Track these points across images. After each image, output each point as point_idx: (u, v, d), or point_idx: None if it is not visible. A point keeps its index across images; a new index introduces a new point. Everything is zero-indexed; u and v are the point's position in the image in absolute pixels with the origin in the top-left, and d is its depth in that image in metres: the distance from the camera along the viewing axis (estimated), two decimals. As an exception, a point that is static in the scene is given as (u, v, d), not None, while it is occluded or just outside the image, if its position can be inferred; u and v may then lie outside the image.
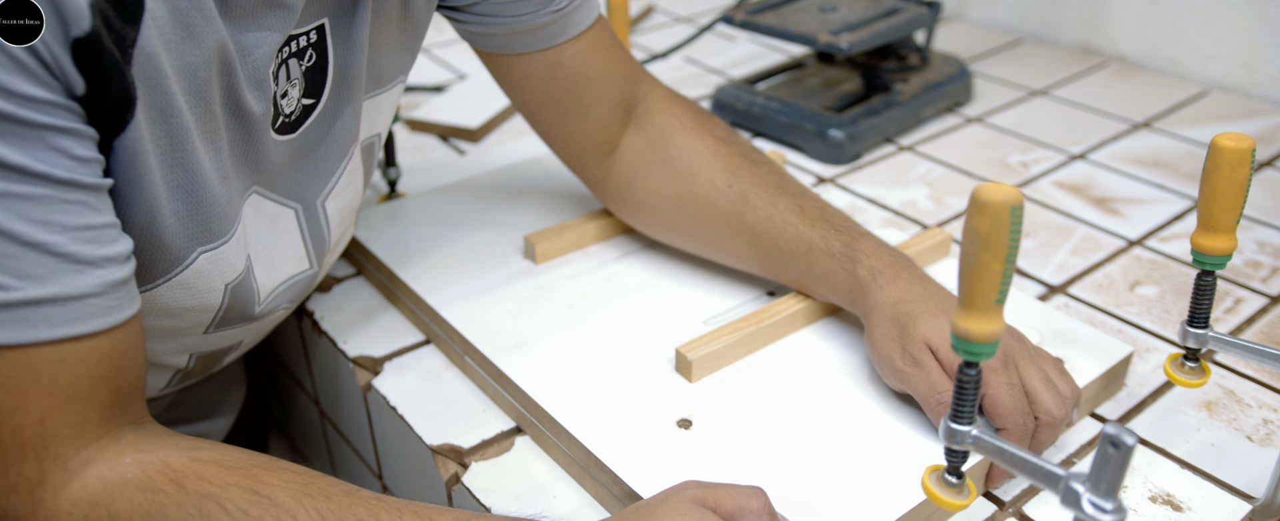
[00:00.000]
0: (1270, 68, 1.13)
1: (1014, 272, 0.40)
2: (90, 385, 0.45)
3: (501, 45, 0.68)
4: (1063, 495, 0.41)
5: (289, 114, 0.59)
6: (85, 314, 0.44)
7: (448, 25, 1.37)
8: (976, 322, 0.41)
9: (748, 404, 0.62)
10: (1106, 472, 0.39)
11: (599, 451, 0.58)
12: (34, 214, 0.42)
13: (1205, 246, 0.54)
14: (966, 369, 0.44)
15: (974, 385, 0.44)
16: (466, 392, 0.68)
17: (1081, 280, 0.81)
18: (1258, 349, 0.55)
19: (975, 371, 0.43)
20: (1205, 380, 0.58)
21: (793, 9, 1.07)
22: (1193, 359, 0.58)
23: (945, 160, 1.01)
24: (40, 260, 0.42)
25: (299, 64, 0.58)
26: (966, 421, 0.45)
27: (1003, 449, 0.45)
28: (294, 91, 0.58)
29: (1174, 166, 0.99)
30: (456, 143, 1.05)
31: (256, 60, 0.53)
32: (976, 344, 0.41)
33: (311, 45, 0.58)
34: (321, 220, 0.64)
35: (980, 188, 0.39)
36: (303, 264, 0.65)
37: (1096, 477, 0.40)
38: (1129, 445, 0.38)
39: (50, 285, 0.43)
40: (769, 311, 0.67)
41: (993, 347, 0.42)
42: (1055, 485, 0.42)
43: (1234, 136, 0.51)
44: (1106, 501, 0.40)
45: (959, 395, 0.45)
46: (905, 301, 0.61)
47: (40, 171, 0.42)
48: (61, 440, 0.45)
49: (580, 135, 0.72)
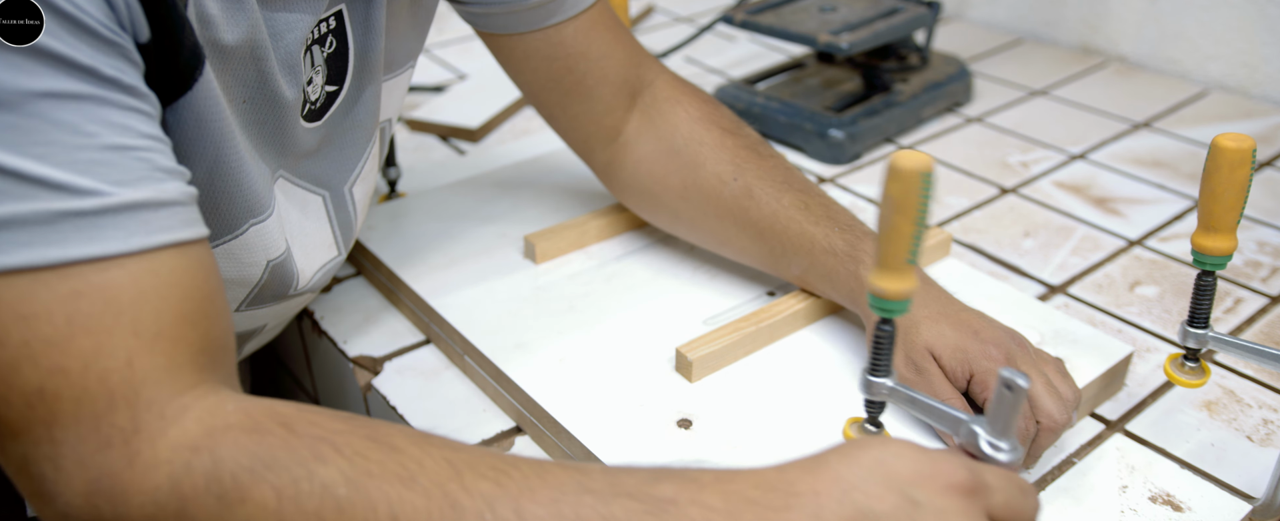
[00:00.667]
0: (1270, 68, 1.13)
1: (924, 234, 0.43)
2: (176, 325, 0.40)
3: (503, 25, 0.68)
4: (963, 437, 0.45)
5: (315, 101, 0.59)
6: (177, 221, 0.41)
7: (448, 25, 1.37)
8: (890, 281, 0.44)
9: (748, 404, 0.62)
10: (1001, 413, 0.42)
11: (599, 451, 0.58)
12: (111, 117, 0.39)
13: (1205, 246, 0.54)
14: (883, 325, 0.47)
15: (889, 340, 0.47)
16: (466, 392, 0.68)
17: (1081, 280, 0.81)
18: (1258, 349, 0.55)
19: (890, 327, 0.47)
20: (1205, 380, 0.58)
21: (793, 9, 1.07)
22: (1193, 359, 0.58)
23: (945, 160, 1.01)
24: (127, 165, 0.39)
25: (321, 50, 0.58)
26: (883, 374, 0.48)
27: (914, 397, 0.48)
28: (318, 79, 0.59)
29: (1174, 166, 0.99)
30: (456, 143, 1.05)
31: (288, 44, 0.53)
32: (891, 301, 0.44)
33: (331, 31, 0.58)
34: (349, 206, 0.65)
35: (895, 155, 0.41)
36: (332, 250, 0.65)
37: (993, 419, 0.43)
38: (1022, 387, 0.40)
39: (142, 189, 0.39)
40: (769, 311, 0.67)
41: (906, 305, 0.45)
42: (957, 429, 0.45)
43: (1234, 136, 0.51)
44: (1002, 441, 0.43)
45: (876, 349, 0.48)
46: (906, 303, 0.61)
47: (110, 75, 0.39)
48: (154, 383, 0.39)
49: (585, 118, 0.72)
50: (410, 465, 0.39)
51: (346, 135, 0.63)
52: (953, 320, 0.60)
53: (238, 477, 0.38)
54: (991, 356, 0.58)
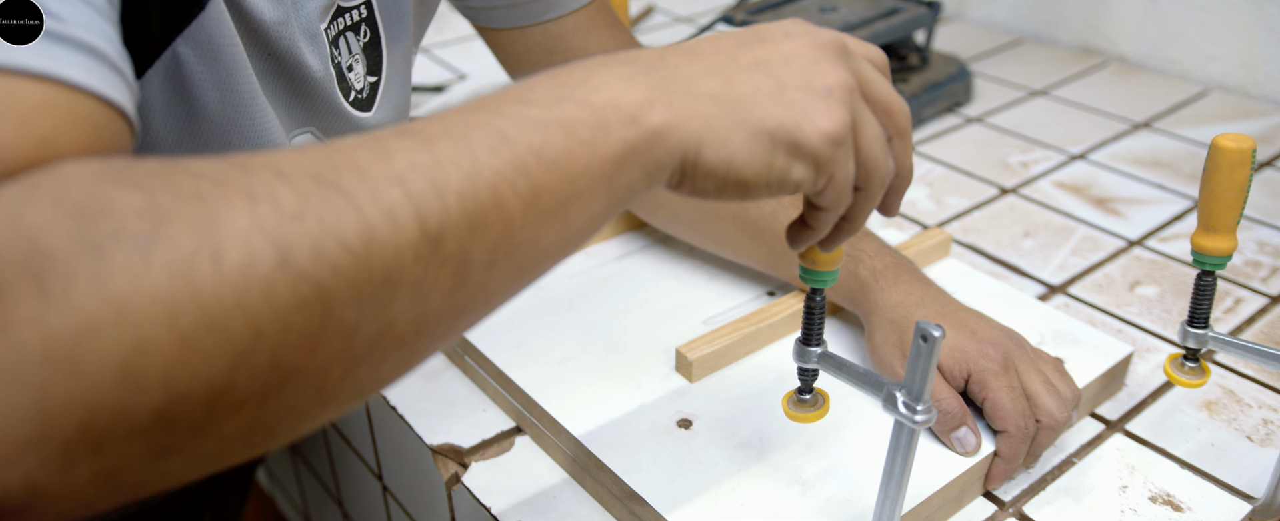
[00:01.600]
0: (1270, 68, 1.13)
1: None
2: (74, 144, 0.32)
3: (502, 19, 0.68)
4: (884, 399, 0.47)
5: (360, 90, 0.59)
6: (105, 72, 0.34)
7: (448, 25, 1.37)
8: (819, 256, 0.47)
9: (748, 404, 0.62)
10: (919, 365, 0.44)
11: (599, 451, 0.58)
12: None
13: (1205, 247, 0.54)
14: (814, 295, 0.49)
15: (820, 310, 0.50)
16: (466, 392, 0.68)
17: (1081, 280, 0.81)
18: (1258, 349, 0.55)
19: (821, 298, 0.49)
20: (1205, 380, 0.58)
21: (792, 9, 1.07)
22: (1193, 359, 0.58)
23: (945, 160, 1.01)
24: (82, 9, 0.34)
25: (356, 39, 0.58)
26: (815, 344, 0.51)
27: (842, 364, 0.51)
28: (359, 68, 0.59)
29: (1174, 166, 0.99)
30: (456, 143, 1.05)
31: (308, 12, 0.53)
32: (819, 272, 0.47)
33: (364, 20, 0.59)
34: None
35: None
36: None
37: (910, 370, 0.44)
38: (936, 337, 0.41)
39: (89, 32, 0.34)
40: (769, 311, 0.67)
41: (834, 276, 0.47)
42: (879, 391, 0.48)
43: (1234, 137, 0.51)
44: (918, 404, 0.45)
45: (806, 320, 0.50)
46: (905, 305, 0.61)
47: None
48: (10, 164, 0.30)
49: None
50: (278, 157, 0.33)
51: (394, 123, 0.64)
52: (951, 320, 0.60)
53: (95, 190, 0.28)
54: (989, 356, 0.58)
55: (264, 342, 0.28)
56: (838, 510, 0.55)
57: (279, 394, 0.29)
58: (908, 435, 0.47)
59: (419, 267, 0.31)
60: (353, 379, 0.31)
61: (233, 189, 0.29)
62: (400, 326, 0.31)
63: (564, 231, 0.35)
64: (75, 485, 0.27)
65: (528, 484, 0.60)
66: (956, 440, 0.57)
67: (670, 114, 0.36)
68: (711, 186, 0.38)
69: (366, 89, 0.61)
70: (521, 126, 0.33)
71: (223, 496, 0.85)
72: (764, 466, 0.57)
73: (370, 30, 0.60)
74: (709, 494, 0.55)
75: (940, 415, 0.57)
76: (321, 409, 0.31)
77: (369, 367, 0.31)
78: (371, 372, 0.32)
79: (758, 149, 0.37)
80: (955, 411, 0.57)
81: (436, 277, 0.31)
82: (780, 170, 0.37)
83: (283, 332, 0.28)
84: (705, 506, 0.54)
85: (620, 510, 0.57)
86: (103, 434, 0.26)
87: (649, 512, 0.54)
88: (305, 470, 0.98)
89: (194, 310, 0.27)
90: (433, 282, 0.31)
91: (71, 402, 0.26)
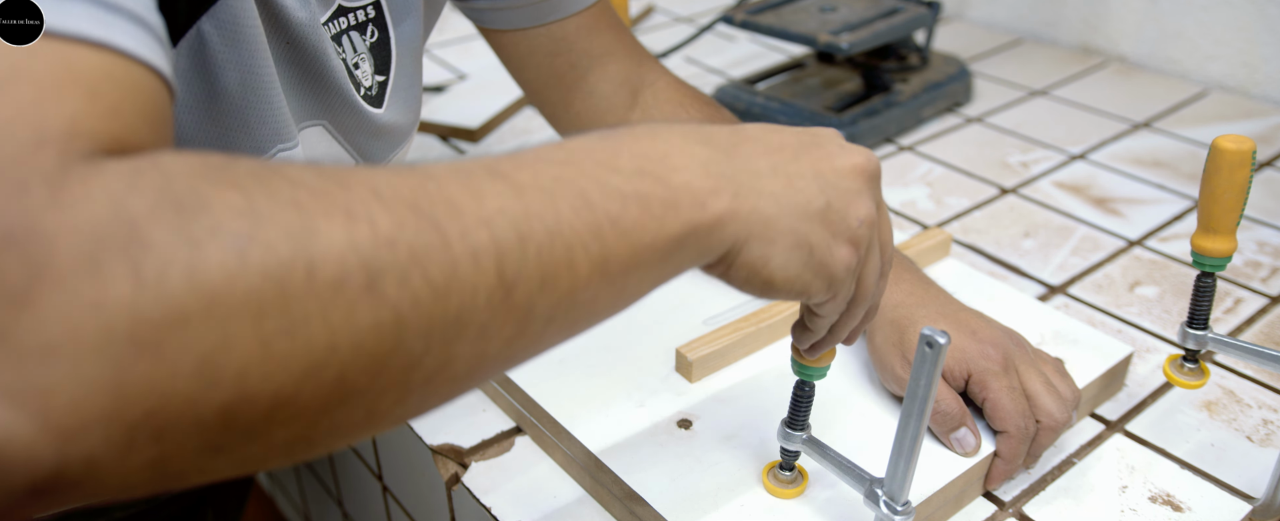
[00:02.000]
0: (1270, 68, 1.13)
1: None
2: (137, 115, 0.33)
3: (505, 21, 0.68)
4: (865, 494, 0.50)
5: (369, 88, 0.60)
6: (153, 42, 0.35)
7: (448, 25, 1.37)
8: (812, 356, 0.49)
9: (748, 404, 0.62)
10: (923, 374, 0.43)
11: (599, 451, 0.58)
12: None
13: (1205, 248, 0.54)
14: (802, 386, 0.51)
15: (807, 399, 0.52)
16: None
17: (1081, 280, 0.81)
18: (1257, 350, 0.55)
19: (810, 388, 0.52)
20: (1204, 381, 0.58)
21: (793, 9, 1.07)
22: (1192, 360, 0.58)
23: (945, 160, 1.01)
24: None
25: (362, 39, 0.58)
26: (799, 429, 0.53)
27: (825, 452, 0.53)
28: (366, 65, 0.59)
29: (1174, 166, 0.99)
30: (456, 143, 1.05)
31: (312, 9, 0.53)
32: (812, 369, 0.50)
33: (371, 20, 0.59)
34: None
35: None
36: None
37: (913, 386, 0.44)
38: (942, 344, 0.42)
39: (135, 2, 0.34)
40: (769, 311, 0.67)
41: (824, 371, 0.50)
42: (861, 483, 0.51)
43: (1234, 138, 0.51)
44: (898, 502, 0.48)
45: (794, 407, 0.52)
46: (906, 305, 0.61)
47: None
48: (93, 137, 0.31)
49: (586, 116, 0.72)
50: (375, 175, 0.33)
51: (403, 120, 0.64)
52: (951, 320, 0.60)
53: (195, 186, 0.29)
54: (990, 356, 0.58)
55: (335, 358, 0.28)
56: (837, 510, 0.55)
57: (335, 411, 0.30)
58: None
59: (488, 312, 0.31)
60: (402, 407, 0.32)
61: (332, 203, 0.29)
62: (457, 365, 0.32)
63: (618, 298, 0.36)
64: (129, 468, 0.27)
65: (528, 484, 0.60)
66: (956, 440, 0.57)
67: (733, 205, 0.38)
68: (742, 278, 0.40)
69: (376, 87, 0.61)
70: (603, 193, 0.35)
71: (224, 496, 0.85)
72: (764, 466, 0.57)
73: (378, 30, 0.60)
74: (709, 494, 0.55)
75: (939, 415, 0.57)
76: (364, 431, 0.32)
77: (418, 398, 0.32)
78: (418, 403, 0.33)
79: (794, 258, 0.40)
80: (954, 412, 0.57)
81: (501, 324, 0.32)
82: (805, 283, 0.41)
83: (354, 353, 0.29)
84: (705, 506, 0.54)
85: (620, 510, 0.57)
86: (168, 422, 0.27)
87: (649, 512, 0.54)
88: (305, 470, 0.98)
89: (280, 315, 0.27)
90: (496, 329, 0.32)
91: (148, 387, 0.26)
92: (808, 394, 0.52)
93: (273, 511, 1.22)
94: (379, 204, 0.30)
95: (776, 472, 0.56)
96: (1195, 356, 0.58)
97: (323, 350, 0.28)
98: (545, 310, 0.33)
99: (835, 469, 0.52)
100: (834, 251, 0.41)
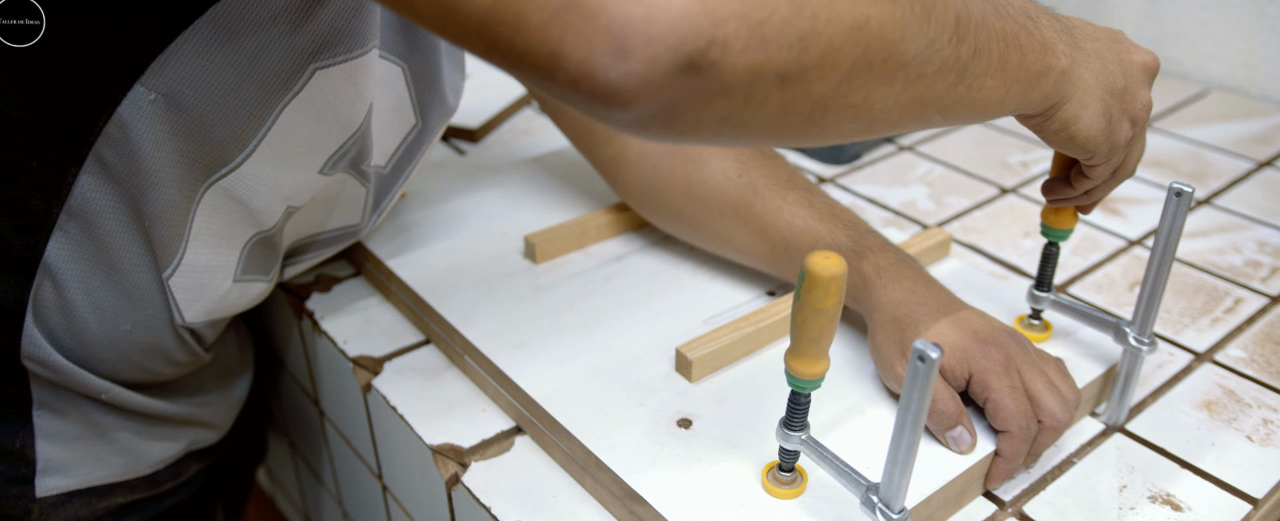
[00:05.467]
0: (1270, 68, 1.13)
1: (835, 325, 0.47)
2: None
3: None
4: (862, 499, 0.50)
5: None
6: None
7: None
8: (804, 364, 0.49)
9: (748, 404, 0.62)
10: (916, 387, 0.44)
11: (599, 451, 0.58)
12: None
13: (1052, 221, 0.64)
14: (798, 395, 0.52)
15: (804, 406, 0.52)
16: (466, 393, 0.68)
17: (1081, 280, 0.81)
18: (1087, 310, 0.65)
19: (806, 397, 0.52)
20: (1048, 336, 0.68)
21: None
22: (1036, 317, 0.69)
23: (945, 160, 1.01)
24: None
25: None
26: (798, 430, 0.53)
27: (823, 454, 0.53)
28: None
29: (1174, 166, 0.99)
30: (456, 143, 1.05)
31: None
32: (803, 380, 0.50)
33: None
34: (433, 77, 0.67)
35: (811, 260, 0.44)
36: (411, 119, 0.67)
37: (905, 398, 0.44)
38: (934, 358, 0.42)
39: None
40: (769, 311, 0.67)
41: (817, 383, 0.50)
42: (857, 488, 0.51)
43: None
44: (893, 510, 0.49)
45: (791, 412, 0.52)
46: (907, 304, 0.61)
47: None
48: None
49: None
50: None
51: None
52: (953, 319, 0.60)
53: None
54: (991, 356, 0.58)
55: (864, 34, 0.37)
56: (837, 511, 0.55)
57: (854, 78, 0.38)
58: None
59: (949, 50, 0.41)
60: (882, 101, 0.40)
61: None
62: (920, 87, 0.41)
63: (992, 94, 0.45)
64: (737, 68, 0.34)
65: (528, 484, 0.60)
66: (952, 439, 0.57)
67: (1070, 68, 0.49)
68: (1053, 129, 0.51)
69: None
70: (1005, 17, 0.46)
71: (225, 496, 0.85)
72: (763, 466, 0.57)
73: None
74: (709, 494, 0.55)
75: (936, 414, 0.57)
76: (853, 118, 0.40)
77: (895, 96, 0.40)
78: (887, 104, 0.40)
79: (1097, 123, 0.52)
80: (951, 411, 0.57)
81: (947, 70, 0.42)
82: (1096, 145, 0.53)
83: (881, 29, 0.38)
84: (705, 506, 0.54)
85: (620, 510, 0.57)
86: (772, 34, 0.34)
87: (649, 512, 0.54)
88: (305, 470, 0.98)
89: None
90: (942, 73, 0.41)
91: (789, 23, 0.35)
92: (805, 402, 0.52)
93: (272, 511, 1.22)
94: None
95: (776, 473, 0.56)
96: (1039, 315, 0.69)
97: (861, 18, 0.36)
98: (975, 73, 0.43)
99: (833, 471, 0.52)
100: (1122, 124, 0.53)
